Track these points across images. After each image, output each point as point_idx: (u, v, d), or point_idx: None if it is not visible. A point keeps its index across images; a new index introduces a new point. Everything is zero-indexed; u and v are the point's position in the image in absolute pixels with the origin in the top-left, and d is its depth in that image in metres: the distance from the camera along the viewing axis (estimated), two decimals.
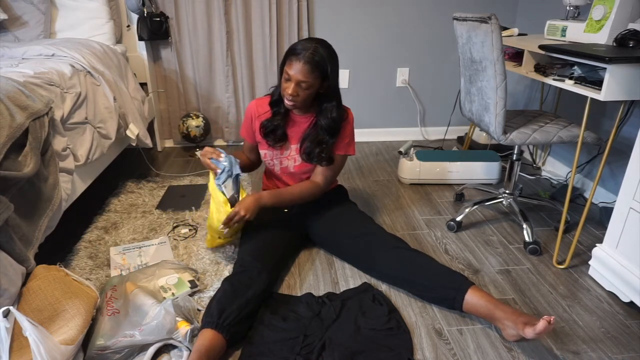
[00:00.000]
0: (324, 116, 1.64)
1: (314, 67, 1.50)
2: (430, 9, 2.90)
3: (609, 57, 1.43)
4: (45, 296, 1.25)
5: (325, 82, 1.57)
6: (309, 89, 1.54)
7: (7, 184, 1.24)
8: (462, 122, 3.14)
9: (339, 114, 1.65)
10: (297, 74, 1.50)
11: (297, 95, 1.55)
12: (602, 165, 1.64)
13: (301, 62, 1.49)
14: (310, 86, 1.54)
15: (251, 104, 1.76)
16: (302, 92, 1.55)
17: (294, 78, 1.51)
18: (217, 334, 1.25)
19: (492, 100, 1.71)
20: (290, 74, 1.52)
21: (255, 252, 1.54)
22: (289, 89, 1.53)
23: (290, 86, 1.53)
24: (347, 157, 1.78)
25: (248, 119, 1.78)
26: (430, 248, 1.87)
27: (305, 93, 1.55)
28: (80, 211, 2.05)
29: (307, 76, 1.51)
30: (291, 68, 1.51)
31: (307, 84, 1.52)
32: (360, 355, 1.28)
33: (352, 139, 1.75)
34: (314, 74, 1.51)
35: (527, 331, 1.25)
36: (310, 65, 1.50)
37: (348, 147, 1.74)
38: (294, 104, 1.59)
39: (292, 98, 1.55)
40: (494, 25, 1.58)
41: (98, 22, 2.44)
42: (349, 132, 1.73)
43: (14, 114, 1.33)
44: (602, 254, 1.61)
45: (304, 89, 1.54)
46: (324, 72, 1.54)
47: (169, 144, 3.07)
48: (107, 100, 2.01)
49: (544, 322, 1.22)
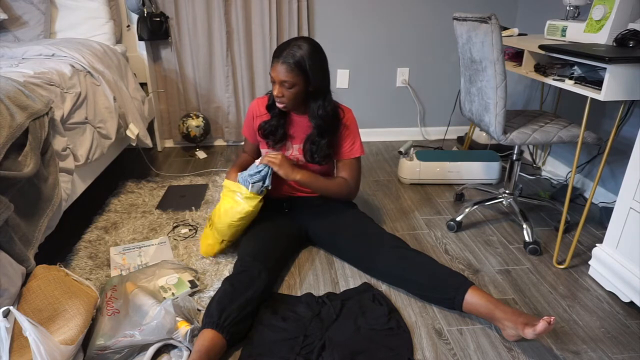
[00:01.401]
0: (312, 116, 1.65)
1: (293, 66, 1.52)
2: (430, 9, 2.90)
3: (609, 57, 1.43)
4: (45, 296, 1.25)
5: (308, 79, 1.57)
6: (293, 87, 1.56)
7: (7, 184, 1.24)
8: (462, 122, 3.15)
9: (327, 112, 1.64)
10: (278, 74, 1.54)
11: (282, 95, 1.58)
12: (602, 165, 1.64)
13: (280, 62, 1.53)
14: (292, 85, 1.55)
15: (253, 103, 1.78)
16: (286, 92, 1.57)
17: (276, 79, 1.55)
18: (218, 334, 1.25)
19: (492, 100, 1.71)
20: (272, 76, 1.56)
21: (255, 252, 1.54)
22: (275, 91, 1.58)
23: (275, 88, 1.58)
24: (359, 159, 1.78)
25: (250, 118, 1.79)
26: (430, 248, 1.87)
27: (290, 93, 1.57)
28: (80, 211, 2.05)
29: (287, 75, 1.53)
30: (273, 70, 1.55)
31: (289, 83, 1.55)
32: (360, 355, 1.28)
33: (353, 142, 1.74)
34: (293, 73, 1.53)
35: (526, 331, 1.25)
36: (288, 65, 1.52)
37: (352, 151, 1.74)
38: (283, 105, 1.62)
39: (279, 100, 1.60)
40: (494, 25, 1.58)
41: (98, 22, 2.44)
42: (348, 135, 1.72)
43: (14, 114, 1.33)
44: (602, 254, 1.61)
45: (287, 88, 1.56)
46: (303, 69, 1.54)
47: (169, 144, 3.07)
48: (107, 100, 2.01)
49: (544, 323, 1.22)
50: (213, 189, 2.38)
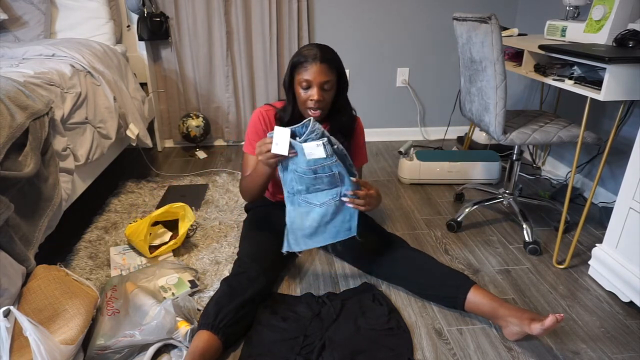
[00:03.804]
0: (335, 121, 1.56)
1: (331, 64, 1.45)
2: (430, 9, 2.90)
3: (609, 57, 1.43)
4: (46, 296, 1.26)
5: (341, 78, 1.51)
6: (332, 88, 1.47)
7: (7, 184, 1.24)
8: (462, 122, 3.14)
9: (351, 117, 1.61)
10: (319, 75, 1.42)
11: (322, 99, 1.45)
12: (602, 165, 1.64)
13: (318, 63, 1.41)
14: (332, 85, 1.47)
15: (258, 113, 1.60)
16: (326, 94, 1.46)
17: (316, 81, 1.42)
18: (213, 336, 1.24)
19: (492, 100, 1.71)
20: (309, 80, 1.42)
21: (254, 254, 1.53)
22: (315, 95, 1.43)
23: (314, 92, 1.43)
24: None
25: (260, 129, 1.59)
26: (430, 248, 1.87)
27: (329, 95, 1.48)
28: (80, 211, 2.05)
29: (328, 74, 1.43)
30: (308, 73, 1.42)
31: (330, 83, 1.45)
32: (360, 355, 1.28)
33: (362, 149, 1.73)
34: (332, 72, 1.45)
35: (533, 327, 1.25)
36: (328, 63, 1.44)
37: (360, 159, 1.72)
38: (321, 111, 1.47)
39: (318, 104, 1.45)
40: (493, 25, 1.58)
41: (98, 22, 2.44)
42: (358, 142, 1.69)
43: (14, 114, 1.33)
44: (602, 254, 1.61)
45: (327, 90, 1.46)
46: (340, 67, 1.49)
47: (169, 144, 3.07)
48: (107, 100, 2.01)
49: (553, 318, 1.21)
50: (213, 189, 2.38)
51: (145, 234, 1.69)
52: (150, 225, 1.75)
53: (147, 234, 1.71)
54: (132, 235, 1.73)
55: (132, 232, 1.73)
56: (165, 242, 1.80)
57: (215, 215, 2.09)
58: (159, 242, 1.79)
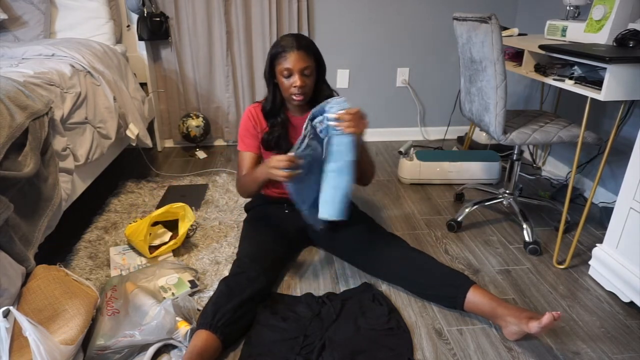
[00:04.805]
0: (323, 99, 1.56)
1: (308, 50, 1.53)
2: (431, 9, 2.90)
3: (609, 57, 1.43)
4: (45, 296, 1.25)
5: (320, 64, 1.59)
6: (312, 74, 1.55)
7: (7, 184, 1.24)
8: (462, 122, 3.14)
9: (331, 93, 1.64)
10: (297, 62, 1.49)
11: (304, 84, 1.53)
12: (602, 165, 1.64)
13: (295, 51, 1.49)
14: (312, 71, 1.54)
15: (249, 109, 1.69)
16: (307, 79, 1.54)
17: (296, 68, 1.50)
18: (211, 335, 1.25)
19: (492, 100, 1.71)
20: (289, 68, 1.50)
21: (254, 254, 1.54)
22: (297, 82, 1.51)
23: (295, 79, 1.51)
24: None
25: (250, 126, 1.67)
26: (430, 248, 1.87)
27: (310, 80, 1.55)
28: (80, 211, 2.05)
29: (307, 60, 1.51)
30: (287, 62, 1.50)
31: (309, 68, 1.52)
32: (360, 355, 1.28)
33: None
34: (310, 57, 1.53)
35: (531, 325, 1.25)
36: (305, 50, 1.51)
37: None
38: (304, 96, 1.56)
39: (301, 90, 1.53)
40: (494, 25, 1.58)
41: (98, 22, 2.44)
42: None
43: (14, 114, 1.33)
44: (602, 254, 1.61)
45: (307, 75, 1.53)
46: (316, 52, 1.56)
47: (169, 144, 3.07)
48: (107, 100, 2.01)
49: (550, 316, 1.22)
50: (213, 189, 2.38)
51: (145, 234, 1.69)
52: (150, 225, 1.75)
53: (147, 234, 1.71)
54: (132, 235, 1.73)
55: (132, 232, 1.73)
56: (165, 242, 1.80)
57: (215, 215, 2.09)
58: (158, 242, 1.79)
